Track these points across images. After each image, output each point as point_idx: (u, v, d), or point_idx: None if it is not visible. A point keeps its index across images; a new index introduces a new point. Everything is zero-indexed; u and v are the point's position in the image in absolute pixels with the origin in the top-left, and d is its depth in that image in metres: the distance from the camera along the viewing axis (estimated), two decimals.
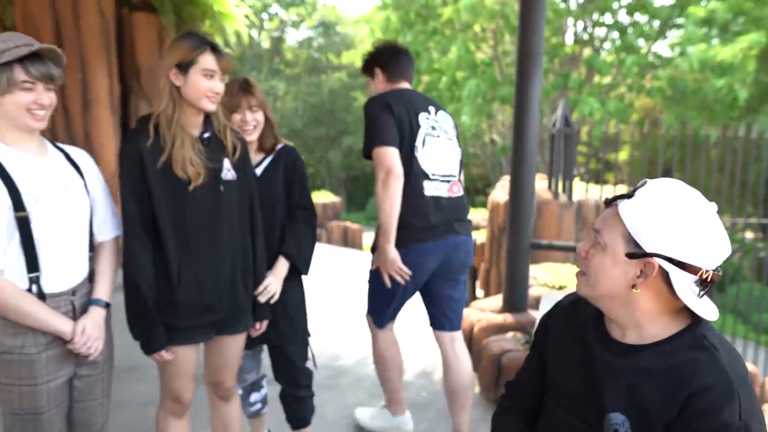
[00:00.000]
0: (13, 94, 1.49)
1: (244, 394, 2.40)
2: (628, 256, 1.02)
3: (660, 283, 1.02)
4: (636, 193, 1.04)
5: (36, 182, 1.58)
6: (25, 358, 1.58)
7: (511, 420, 1.29)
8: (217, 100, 1.78)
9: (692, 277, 0.99)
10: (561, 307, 1.26)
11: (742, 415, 0.94)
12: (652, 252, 1.00)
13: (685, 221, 0.99)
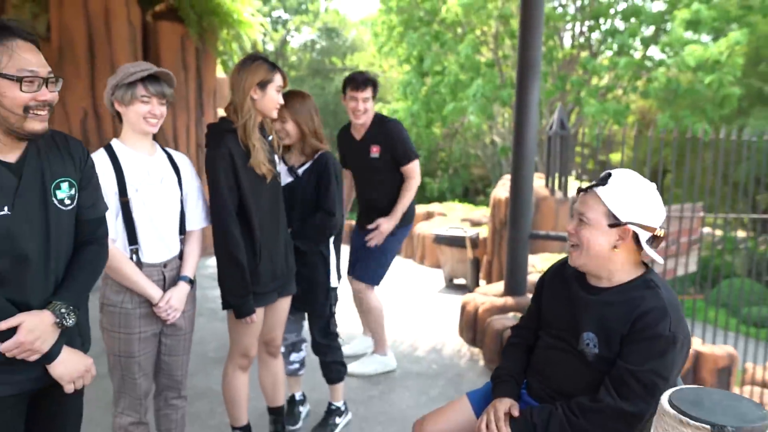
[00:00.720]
0: (134, 106, 1.93)
1: (285, 352, 2.84)
2: (610, 226, 1.47)
3: (631, 243, 1.48)
4: (609, 181, 1.49)
5: (139, 176, 2.01)
6: (123, 311, 2.00)
7: (516, 349, 1.75)
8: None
9: (649, 235, 1.45)
10: (554, 267, 1.73)
11: (671, 328, 1.39)
12: (627, 221, 1.46)
13: (644, 198, 1.47)
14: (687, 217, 5.30)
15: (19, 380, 1.43)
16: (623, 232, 1.48)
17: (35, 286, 1.43)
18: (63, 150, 1.51)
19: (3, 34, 1.32)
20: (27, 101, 1.33)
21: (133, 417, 2.13)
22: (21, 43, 1.34)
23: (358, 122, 3.21)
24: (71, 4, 5.98)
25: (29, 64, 1.34)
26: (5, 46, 1.31)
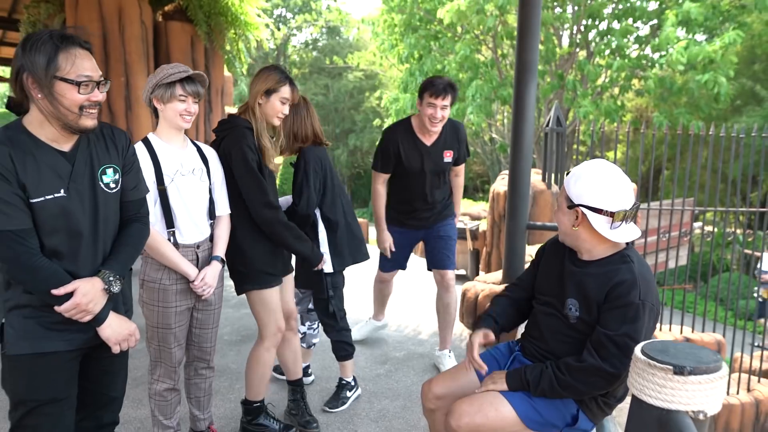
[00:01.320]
0: (172, 103, 2.15)
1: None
2: (568, 207, 1.72)
3: (587, 222, 1.70)
4: (570, 173, 1.74)
5: (173, 167, 2.23)
6: (161, 287, 2.23)
7: (502, 298, 2.02)
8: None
9: (605, 217, 1.67)
10: (552, 240, 1.97)
11: (641, 296, 1.63)
12: (577, 203, 1.70)
13: (596, 183, 1.70)
14: (677, 211, 5.53)
15: (73, 338, 1.66)
16: (576, 213, 1.72)
17: (86, 259, 1.65)
18: (108, 140, 1.73)
19: (65, 43, 1.51)
20: (82, 102, 1.53)
21: (168, 384, 2.36)
22: (80, 51, 1.54)
23: (433, 130, 3.12)
24: (86, 5, 6.19)
25: (86, 70, 1.53)
26: (68, 53, 1.51)
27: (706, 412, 1.29)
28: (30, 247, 1.52)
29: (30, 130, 1.56)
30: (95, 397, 1.83)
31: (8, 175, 1.48)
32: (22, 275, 1.54)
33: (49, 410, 1.64)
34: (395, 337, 4.22)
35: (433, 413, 1.97)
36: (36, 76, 1.49)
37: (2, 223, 1.48)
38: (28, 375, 1.61)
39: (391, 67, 19.21)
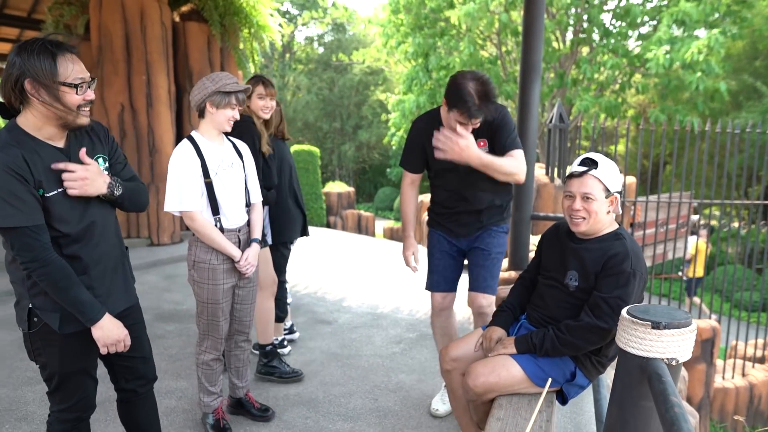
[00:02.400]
0: (224, 110, 2.44)
1: None
2: (606, 197, 2.00)
3: (615, 206, 2.03)
4: (599, 165, 2.01)
5: (216, 162, 2.51)
6: (211, 267, 2.52)
7: (518, 287, 2.31)
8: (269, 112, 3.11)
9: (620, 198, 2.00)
10: (550, 230, 2.26)
11: (632, 266, 1.92)
12: (614, 191, 2.01)
13: (616, 172, 2.03)
14: (676, 205, 5.81)
15: None
16: (612, 199, 2.02)
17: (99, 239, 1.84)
18: (90, 132, 1.87)
19: (60, 50, 1.65)
20: (80, 102, 1.70)
21: (214, 354, 2.67)
22: (70, 55, 1.68)
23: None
24: (109, 7, 6.48)
25: (80, 72, 1.69)
26: (63, 59, 1.65)
27: (678, 359, 1.59)
28: (43, 242, 1.68)
29: (27, 131, 1.69)
30: (134, 362, 2.08)
31: (25, 174, 1.62)
32: (35, 269, 1.68)
33: (77, 378, 1.90)
34: (408, 320, 4.53)
35: (450, 373, 2.27)
36: (40, 81, 1.62)
37: (20, 220, 1.62)
38: (60, 351, 1.82)
39: (396, 63, 19.46)
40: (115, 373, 2.09)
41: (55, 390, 1.90)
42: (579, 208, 2.02)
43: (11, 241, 1.66)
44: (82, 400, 1.94)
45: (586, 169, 2.02)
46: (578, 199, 2.03)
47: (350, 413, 2.95)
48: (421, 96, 14.75)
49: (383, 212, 20.70)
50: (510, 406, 1.98)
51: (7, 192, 1.60)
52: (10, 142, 1.63)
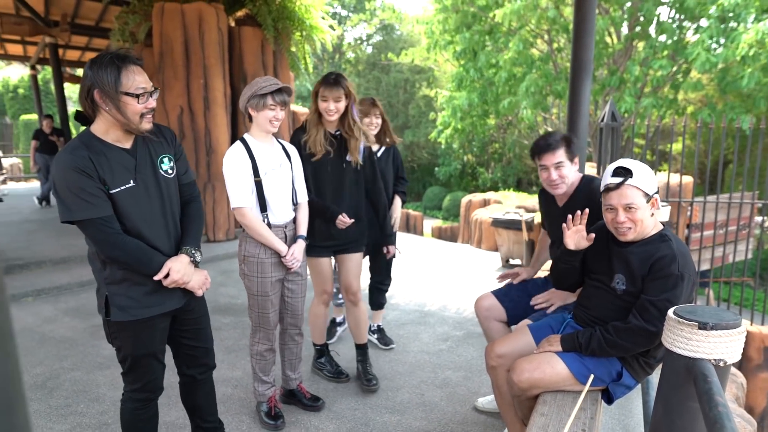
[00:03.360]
0: (264, 111, 2.56)
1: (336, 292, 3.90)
2: (647, 201, 2.00)
3: (656, 207, 2.02)
4: (633, 174, 2.00)
5: (265, 162, 2.63)
6: (260, 260, 2.65)
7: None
8: (334, 114, 2.84)
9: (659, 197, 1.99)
10: (597, 227, 2.26)
11: (679, 269, 1.91)
12: (653, 193, 2.01)
13: (650, 173, 2.01)
14: (740, 205, 5.60)
15: (163, 304, 2.03)
16: (653, 201, 2.01)
17: (160, 233, 2.01)
18: (158, 135, 2.06)
19: (124, 62, 1.81)
20: (142, 110, 1.86)
21: (267, 345, 2.80)
22: (134, 67, 1.84)
23: (556, 192, 2.59)
24: (171, 15, 6.79)
25: (142, 83, 1.84)
26: (127, 71, 1.81)
27: (726, 361, 1.58)
28: (115, 229, 1.85)
29: (98, 135, 1.88)
30: (196, 350, 2.26)
31: (91, 173, 1.79)
32: (114, 252, 1.86)
33: (147, 361, 2.07)
34: (455, 318, 4.57)
35: (495, 370, 2.31)
36: (105, 92, 1.80)
37: (92, 212, 1.80)
38: (132, 337, 2.00)
39: (445, 62, 19.41)
40: (179, 359, 2.27)
41: (128, 371, 2.08)
42: (624, 220, 2.01)
43: (86, 231, 1.85)
44: (151, 382, 2.11)
45: (621, 180, 2.00)
46: (621, 211, 2.01)
47: (397, 407, 3.03)
48: (473, 93, 14.66)
49: (431, 211, 20.67)
50: (554, 402, 2.01)
51: (77, 189, 1.79)
52: (79, 145, 1.83)
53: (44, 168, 10.03)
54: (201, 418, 2.40)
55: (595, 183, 2.56)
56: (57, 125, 10.47)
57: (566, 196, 2.61)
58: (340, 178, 2.96)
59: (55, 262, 5.86)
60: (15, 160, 17.28)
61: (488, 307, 2.77)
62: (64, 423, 2.83)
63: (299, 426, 2.82)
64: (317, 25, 7.99)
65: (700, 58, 10.01)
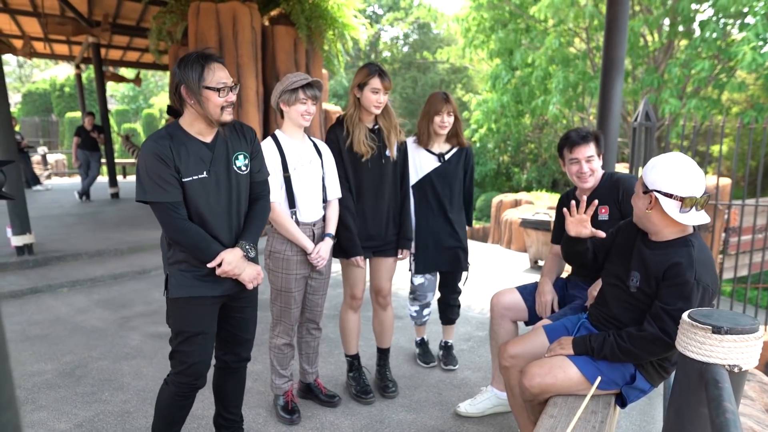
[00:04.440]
0: (295, 106, 2.59)
1: (420, 309, 3.49)
2: (644, 193, 1.95)
3: (659, 207, 1.93)
4: (650, 161, 1.96)
5: (295, 158, 2.66)
6: (285, 257, 2.67)
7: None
8: (382, 107, 2.81)
9: (675, 201, 1.89)
10: (627, 221, 2.20)
11: (695, 277, 1.83)
12: (651, 189, 1.93)
13: (670, 171, 1.91)
14: None
15: (216, 287, 2.13)
16: (650, 197, 1.94)
17: (223, 225, 2.12)
18: (239, 132, 2.19)
19: (207, 60, 1.98)
20: (222, 103, 2.01)
21: (286, 339, 2.83)
22: (216, 64, 2.01)
23: (585, 186, 2.61)
24: (206, 14, 6.94)
25: (222, 78, 1.99)
26: (209, 68, 1.97)
27: (741, 366, 1.52)
28: (181, 214, 2.00)
29: (183, 127, 2.04)
30: (235, 338, 2.33)
31: (168, 161, 1.96)
32: (176, 235, 2.01)
33: (198, 340, 2.14)
34: (479, 318, 4.53)
35: (508, 370, 2.28)
36: (190, 87, 1.96)
37: (163, 196, 1.96)
38: (185, 313, 2.11)
39: (480, 62, 19.23)
40: (218, 343, 2.34)
41: (175, 350, 2.17)
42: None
43: (156, 213, 2.00)
44: (196, 365, 2.16)
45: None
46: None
47: (414, 405, 3.02)
48: (505, 95, 14.49)
49: None
50: (565, 405, 1.97)
51: (155, 174, 1.95)
52: (164, 134, 2.00)
53: (85, 164, 10.39)
54: (225, 407, 2.46)
55: (616, 177, 2.59)
56: (98, 123, 10.82)
57: (589, 191, 2.62)
58: (380, 175, 2.88)
59: (90, 255, 6.07)
60: (60, 156, 17.94)
61: (508, 305, 2.72)
62: (88, 410, 2.93)
63: (315, 421, 2.84)
64: (350, 24, 8.04)
65: (747, 57, 9.64)
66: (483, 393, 2.94)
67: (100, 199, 10.81)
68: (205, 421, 2.75)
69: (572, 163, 2.57)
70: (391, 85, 2.81)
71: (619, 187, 2.55)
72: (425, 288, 3.41)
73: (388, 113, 2.90)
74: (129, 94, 28.59)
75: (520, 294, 2.75)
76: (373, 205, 2.90)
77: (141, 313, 4.51)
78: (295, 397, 2.96)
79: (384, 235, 2.96)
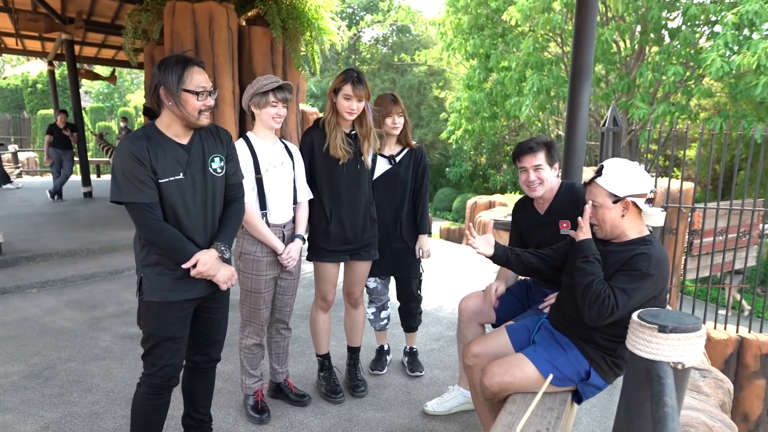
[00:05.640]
0: (266, 108, 2.63)
1: (376, 311, 3.48)
2: (614, 203, 2.03)
3: (634, 209, 2.02)
4: (603, 172, 2.04)
5: (267, 160, 2.69)
6: (255, 258, 2.70)
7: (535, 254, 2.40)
8: (355, 114, 2.77)
9: (644, 199, 1.99)
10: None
11: (649, 269, 1.93)
12: (624, 195, 2.01)
13: (630, 175, 2.02)
14: (745, 212, 5.56)
15: (191, 290, 2.15)
16: (625, 203, 2.03)
17: (198, 226, 2.14)
18: (215, 135, 2.22)
19: (187, 63, 2.02)
20: (200, 107, 2.04)
21: (255, 339, 2.86)
22: (196, 68, 2.04)
23: (534, 195, 2.63)
24: (182, 14, 6.89)
25: (201, 82, 2.03)
26: (189, 71, 2.01)
27: (684, 363, 1.61)
28: (157, 215, 2.02)
29: (160, 129, 2.06)
30: (206, 338, 2.35)
31: (145, 161, 1.97)
32: (152, 236, 2.02)
33: (170, 344, 2.16)
34: (449, 318, 4.61)
35: (471, 369, 2.35)
36: (169, 89, 1.99)
37: (139, 197, 1.97)
38: (157, 317, 2.13)
39: (457, 65, 19.40)
40: (188, 344, 2.34)
41: (147, 352, 2.18)
42: (591, 215, 2.12)
43: (131, 213, 2.01)
44: (168, 367, 2.18)
45: (593, 177, 2.07)
46: (590, 207, 2.11)
47: (382, 404, 3.07)
48: (479, 94, 14.66)
49: (441, 213, 20.66)
50: (523, 402, 2.04)
51: (131, 174, 1.97)
52: (141, 135, 2.02)
53: (57, 162, 10.22)
54: (193, 407, 2.48)
55: (575, 189, 2.61)
56: (71, 120, 10.66)
57: (547, 202, 2.66)
58: (356, 179, 2.87)
59: (61, 255, 5.99)
60: (31, 154, 17.59)
61: (476, 309, 2.77)
62: (56, 411, 2.92)
63: (284, 420, 2.87)
64: (326, 27, 8.06)
65: (716, 64, 9.92)
66: (450, 392, 3.01)
67: (72, 198, 10.64)
68: (174, 421, 2.76)
69: (521, 172, 2.61)
70: (364, 94, 2.74)
71: (578, 201, 2.54)
72: (379, 291, 3.43)
73: (365, 120, 2.85)
74: (104, 91, 28.15)
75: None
76: (349, 209, 2.90)
77: (112, 314, 4.49)
78: (265, 397, 2.99)
79: (360, 238, 2.96)
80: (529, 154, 2.55)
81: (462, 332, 2.82)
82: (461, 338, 2.82)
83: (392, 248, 3.23)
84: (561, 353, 2.14)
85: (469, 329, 2.78)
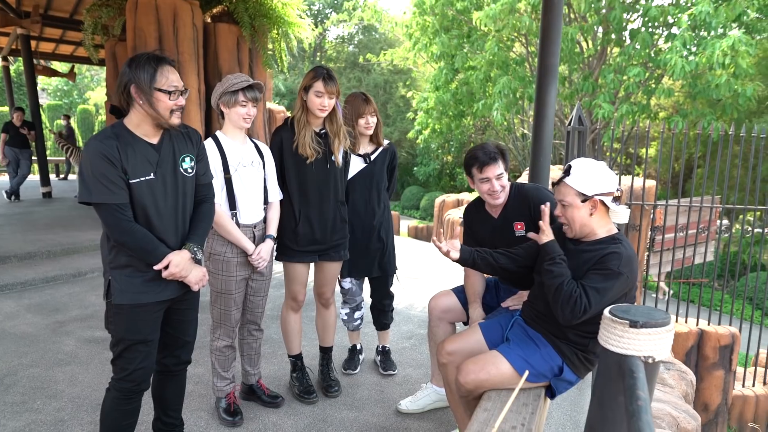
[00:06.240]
0: (235, 108, 2.59)
1: (350, 312, 3.46)
2: (582, 201, 2.07)
3: (601, 207, 2.07)
4: (571, 172, 2.08)
5: (236, 159, 2.67)
6: (225, 259, 2.67)
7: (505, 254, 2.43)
8: (327, 111, 2.76)
9: (610, 198, 2.04)
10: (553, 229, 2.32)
11: (620, 267, 1.98)
12: (592, 194, 2.05)
13: (597, 174, 2.07)
14: (704, 209, 5.75)
15: (161, 293, 2.11)
16: (593, 202, 2.07)
17: (169, 226, 2.11)
18: (185, 135, 2.19)
19: (159, 62, 1.98)
20: (172, 107, 2.01)
21: (227, 341, 2.82)
22: (168, 67, 2.01)
23: (497, 202, 2.61)
24: (144, 10, 6.73)
25: (174, 82, 2.00)
26: (162, 69, 1.97)
27: (655, 357, 1.66)
28: (127, 216, 1.98)
29: (129, 128, 2.02)
30: (176, 341, 2.31)
31: (116, 161, 1.93)
32: (122, 237, 1.98)
33: (141, 348, 2.12)
34: (420, 316, 4.63)
35: (446, 366, 2.37)
36: (140, 87, 1.95)
37: (109, 197, 1.93)
38: (127, 320, 2.08)
39: (424, 64, 19.49)
40: (159, 345, 2.29)
41: (117, 356, 2.13)
42: (560, 215, 2.15)
43: (101, 214, 1.97)
44: (138, 371, 2.13)
45: (561, 177, 2.11)
46: (559, 206, 2.14)
47: (356, 403, 3.07)
48: (446, 94, 14.77)
49: (409, 211, 20.76)
50: (498, 399, 2.07)
51: (100, 174, 1.92)
52: (110, 135, 1.97)
53: (14, 162, 9.87)
54: (164, 411, 2.44)
55: (524, 190, 2.63)
56: (28, 118, 10.29)
57: (501, 206, 2.65)
58: (325, 179, 2.85)
59: (20, 258, 5.78)
60: None
61: (446, 308, 2.79)
62: (18, 420, 2.82)
63: (257, 422, 2.84)
64: (294, 22, 7.99)
65: (677, 65, 10.23)
66: (423, 390, 3.03)
67: (30, 198, 10.28)
68: (145, 426, 2.70)
69: (483, 182, 2.55)
70: (336, 90, 2.74)
71: (528, 202, 2.58)
72: (354, 292, 3.42)
73: (336, 118, 2.83)
74: (62, 88, 27.28)
75: (456, 297, 2.83)
76: (318, 209, 2.88)
77: (76, 318, 4.35)
78: (238, 399, 2.95)
79: (329, 239, 2.94)
80: (492, 164, 2.51)
81: (433, 331, 2.84)
82: (432, 337, 2.84)
83: (370, 248, 3.23)
84: (535, 350, 2.17)
85: (440, 328, 2.80)
